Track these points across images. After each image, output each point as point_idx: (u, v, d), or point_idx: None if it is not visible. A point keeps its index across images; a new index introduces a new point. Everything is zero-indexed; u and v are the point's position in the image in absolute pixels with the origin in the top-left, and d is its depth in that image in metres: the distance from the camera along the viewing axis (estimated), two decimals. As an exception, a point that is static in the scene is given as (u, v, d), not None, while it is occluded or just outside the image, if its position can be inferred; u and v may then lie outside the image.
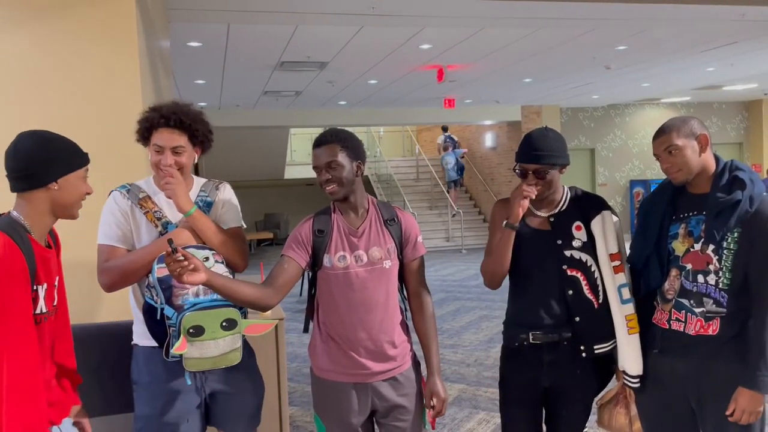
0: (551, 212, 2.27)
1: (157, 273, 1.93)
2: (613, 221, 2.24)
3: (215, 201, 2.19)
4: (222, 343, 1.94)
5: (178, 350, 1.88)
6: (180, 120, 2.06)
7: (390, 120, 13.83)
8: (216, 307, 1.93)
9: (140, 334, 2.07)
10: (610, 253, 2.19)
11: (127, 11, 2.74)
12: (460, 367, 5.40)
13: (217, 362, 1.95)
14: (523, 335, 2.24)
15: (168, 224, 2.07)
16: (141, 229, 2.07)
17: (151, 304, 1.97)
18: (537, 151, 2.17)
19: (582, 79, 9.93)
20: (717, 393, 2.01)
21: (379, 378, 2.15)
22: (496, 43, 7.13)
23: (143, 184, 2.15)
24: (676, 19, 6.09)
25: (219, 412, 2.13)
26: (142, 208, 2.08)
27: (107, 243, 2.06)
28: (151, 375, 2.05)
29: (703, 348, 2.04)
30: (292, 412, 4.44)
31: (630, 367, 2.17)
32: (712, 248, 2.03)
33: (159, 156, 2.07)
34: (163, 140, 2.06)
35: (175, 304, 1.91)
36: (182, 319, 1.88)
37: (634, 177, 14.19)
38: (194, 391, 2.05)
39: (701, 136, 2.06)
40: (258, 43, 6.62)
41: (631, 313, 2.16)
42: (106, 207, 2.09)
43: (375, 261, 2.13)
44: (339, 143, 2.10)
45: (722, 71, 9.67)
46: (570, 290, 2.20)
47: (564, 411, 2.28)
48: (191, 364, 1.92)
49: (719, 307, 2.02)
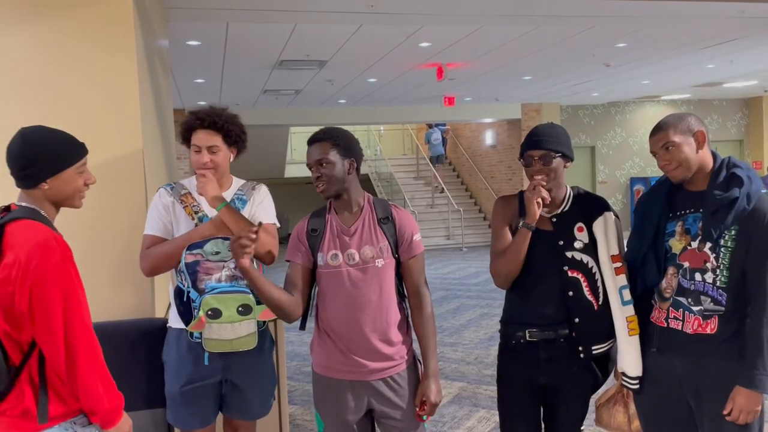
0: (553, 212, 2.26)
1: (186, 259, 2.16)
2: (614, 222, 2.24)
3: (250, 200, 2.39)
4: (238, 326, 2.16)
5: (194, 328, 2.14)
6: (214, 121, 2.27)
7: (390, 118, 13.82)
8: (234, 293, 2.14)
9: (174, 318, 2.27)
10: (612, 254, 2.19)
11: (124, 11, 2.73)
12: (461, 365, 5.41)
13: (234, 345, 2.18)
14: (519, 333, 2.24)
15: (204, 217, 2.30)
16: (180, 221, 2.30)
17: (180, 287, 2.19)
18: (541, 136, 2.20)
19: (582, 77, 9.91)
20: (715, 391, 2.01)
21: (376, 376, 2.15)
22: (496, 41, 7.12)
23: (186, 183, 2.38)
24: (675, 16, 6.08)
25: (231, 394, 2.30)
26: (183, 203, 2.32)
27: (149, 233, 2.29)
28: (177, 353, 2.27)
29: (701, 346, 2.03)
30: (292, 411, 4.44)
31: (630, 368, 2.17)
32: (709, 246, 2.02)
33: (197, 155, 2.29)
34: (200, 140, 2.28)
35: (199, 288, 2.15)
36: (202, 301, 2.12)
37: (634, 174, 14.18)
38: (215, 375, 2.25)
39: (698, 133, 2.05)
40: (257, 41, 6.62)
41: (632, 315, 2.16)
42: (153, 201, 2.34)
43: (367, 260, 2.14)
44: (330, 141, 2.13)
45: (722, 68, 9.65)
46: (570, 291, 2.20)
47: (561, 408, 2.29)
48: (211, 345, 2.16)
49: (717, 305, 2.01)
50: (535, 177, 2.19)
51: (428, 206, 15.11)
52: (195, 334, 2.19)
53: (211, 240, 2.21)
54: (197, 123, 2.28)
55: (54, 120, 2.66)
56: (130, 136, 2.74)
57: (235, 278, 2.18)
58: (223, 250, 2.19)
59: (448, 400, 4.59)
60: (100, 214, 2.66)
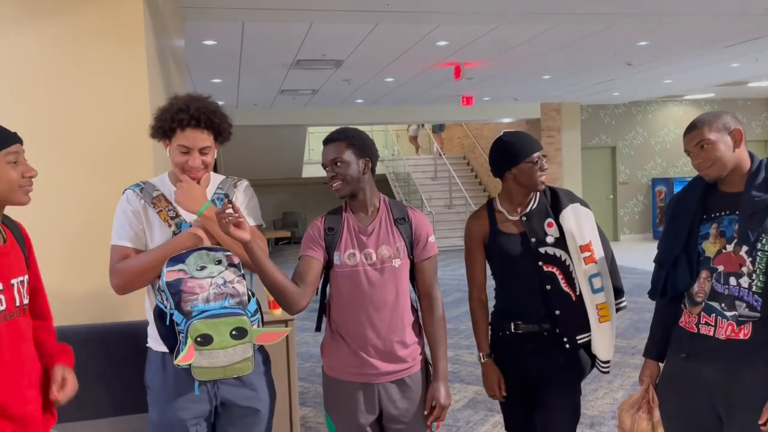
0: (523, 212, 2.34)
1: (166, 277, 1.85)
2: (584, 212, 2.32)
3: (233, 199, 2.10)
4: (232, 352, 1.85)
5: (183, 361, 1.81)
6: (210, 120, 1.99)
7: (407, 118, 13.76)
8: (225, 315, 1.84)
9: (153, 337, 2.00)
10: (580, 245, 2.26)
11: (134, 10, 2.71)
12: (476, 369, 5.32)
13: (227, 372, 1.88)
14: (506, 325, 2.35)
15: (182, 224, 1.99)
16: (154, 229, 1.99)
17: (162, 308, 1.90)
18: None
19: (603, 76, 9.76)
20: (747, 401, 1.92)
21: (388, 379, 2.13)
22: (514, 40, 7.03)
23: (158, 182, 2.08)
24: (697, 14, 5.95)
25: (227, 422, 2.04)
26: (155, 207, 2.00)
27: (119, 243, 1.99)
28: (162, 380, 1.99)
29: (734, 353, 1.94)
30: (304, 413, 4.40)
31: (602, 353, 2.30)
32: (745, 250, 1.93)
33: (185, 156, 1.99)
34: (192, 141, 1.98)
35: (185, 310, 1.83)
36: (189, 327, 1.80)
37: (656, 175, 13.95)
38: (205, 400, 1.98)
39: (735, 131, 1.97)
40: (273, 41, 6.60)
41: (602, 302, 2.27)
42: (119, 206, 2.02)
43: (384, 260, 2.13)
44: (345, 141, 2.12)
45: (747, 67, 9.44)
46: (548, 285, 2.28)
47: (552, 400, 2.32)
48: (200, 373, 1.85)
49: (752, 311, 1.92)
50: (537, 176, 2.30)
51: (446, 207, 15.03)
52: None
53: (194, 252, 1.92)
54: (191, 122, 1.96)
55: (62, 119, 2.67)
56: (140, 136, 2.71)
57: (226, 296, 1.87)
58: (210, 264, 1.90)
59: (462, 404, 4.52)
60: (109, 214, 2.63)
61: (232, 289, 1.89)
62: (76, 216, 2.67)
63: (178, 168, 2.02)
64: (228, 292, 1.88)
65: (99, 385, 2.27)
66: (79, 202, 2.67)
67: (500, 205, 2.39)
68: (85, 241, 2.65)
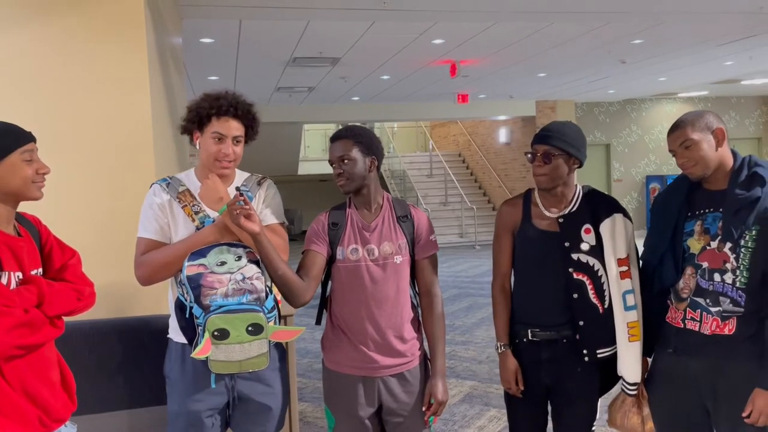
0: (561, 212, 2.23)
1: (187, 271, 1.92)
2: (624, 225, 2.19)
3: (255, 196, 2.15)
4: (248, 347, 1.91)
5: (200, 354, 1.88)
6: (248, 111, 2.07)
7: (403, 115, 13.79)
8: (242, 311, 1.90)
9: (174, 329, 2.06)
10: (618, 258, 2.15)
11: (135, 8, 2.73)
12: (472, 364, 5.38)
13: (243, 366, 1.93)
14: (523, 332, 2.25)
15: (206, 219, 2.03)
16: (178, 223, 2.04)
17: (182, 300, 1.97)
18: (549, 132, 2.17)
19: (597, 74, 9.81)
20: (733, 393, 1.97)
21: (387, 372, 2.17)
22: (510, 38, 7.06)
23: (184, 177, 2.12)
24: (692, 12, 5.99)
25: (241, 416, 2.10)
26: (181, 201, 2.05)
27: (145, 236, 2.05)
28: (180, 371, 2.05)
29: (719, 348, 1.99)
30: (302, 408, 4.44)
31: (628, 374, 2.16)
32: (729, 246, 1.98)
33: (220, 145, 2.03)
34: (227, 129, 2.03)
35: (203, 304, 1.89)
36: (207, 321, 1.87)
37: (650, 173, 14.03)
38: (222, 393, 2.04)
39: (717, 130, 2.01)
40: (270, 38, 6.61)
41: (634, 321, 2.13)
42: (146, 200, 2.08)
43: (386, 256, 2.16)
44: (352, 138, 2.16)
45: (740, 65, 9.50)
46: (575, 294, 2.17)
47: (566, 410, 2.27)
48: (217, 367, 1.91)
49: (736, 306, 1.97)
50: (534, 173, 2.19)
51: (441, 204, 15.07)
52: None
53: (215, 247, 1.97)
54: (229, 110, 2.03)
55: (65, 116, 2.70)
56: (141, 133, 2.74)
57: (244, 292, 1.93)
58: (230, 260, 1.96)
59: (459, 399, 4.57)
60: (110, 210, 2.66)
61: (251, 286, 1.94)
62: (75, 216, 2.68)
63: (211, 157, 2.05)
64: (246, 288, 1.93)
65: (118, 377, 2.33)
66: (79, 201, 2.69)
67: (538, 198, 2.28)
68: (85, 236, 2.67)
